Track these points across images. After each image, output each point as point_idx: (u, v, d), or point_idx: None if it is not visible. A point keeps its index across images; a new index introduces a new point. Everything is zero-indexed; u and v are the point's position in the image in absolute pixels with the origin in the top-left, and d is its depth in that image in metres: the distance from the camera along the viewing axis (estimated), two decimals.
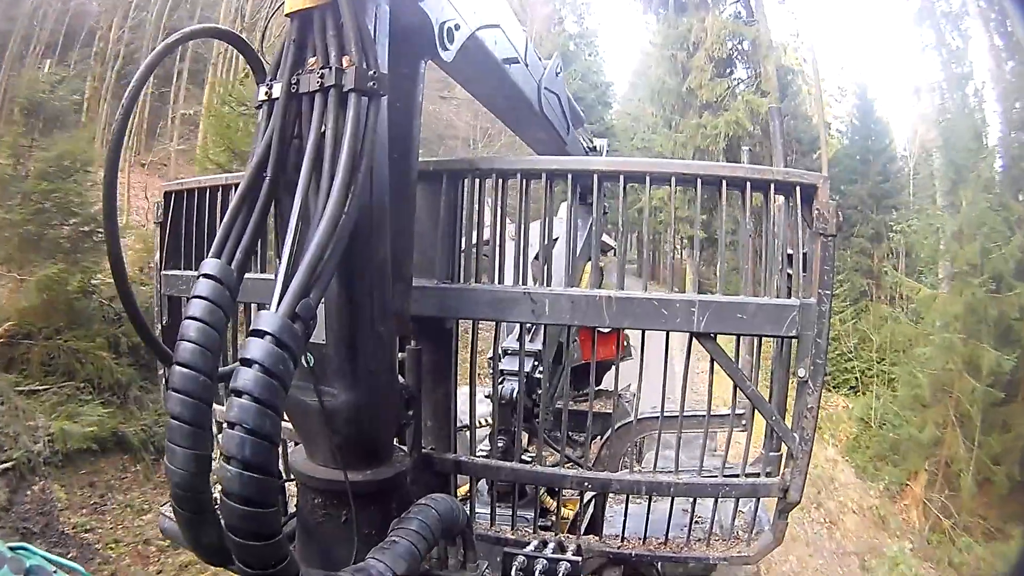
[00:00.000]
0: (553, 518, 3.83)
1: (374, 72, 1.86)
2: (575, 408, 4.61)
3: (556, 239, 3.18)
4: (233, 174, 3.32)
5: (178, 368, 1.57)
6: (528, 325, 3.87)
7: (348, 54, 1.85)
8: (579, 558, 2.48)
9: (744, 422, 3.07)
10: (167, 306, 3.41)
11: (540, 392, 4.32)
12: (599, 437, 4.89)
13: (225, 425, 1.47)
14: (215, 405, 1.71)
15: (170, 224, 3.37)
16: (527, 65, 3.34)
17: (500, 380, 3.50)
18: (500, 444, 3.40)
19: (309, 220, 1.76)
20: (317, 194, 1.77)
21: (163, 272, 3.39)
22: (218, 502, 1.66)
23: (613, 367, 5.83)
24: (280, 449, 3.19)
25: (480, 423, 3.29)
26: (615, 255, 6.21)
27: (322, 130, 1.83)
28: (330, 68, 1.84)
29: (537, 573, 2.40)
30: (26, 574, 1.78)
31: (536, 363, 4.29)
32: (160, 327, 3.37)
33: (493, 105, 3.71)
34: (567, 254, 2.91)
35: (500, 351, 3.79)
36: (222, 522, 1.65)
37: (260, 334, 1.51)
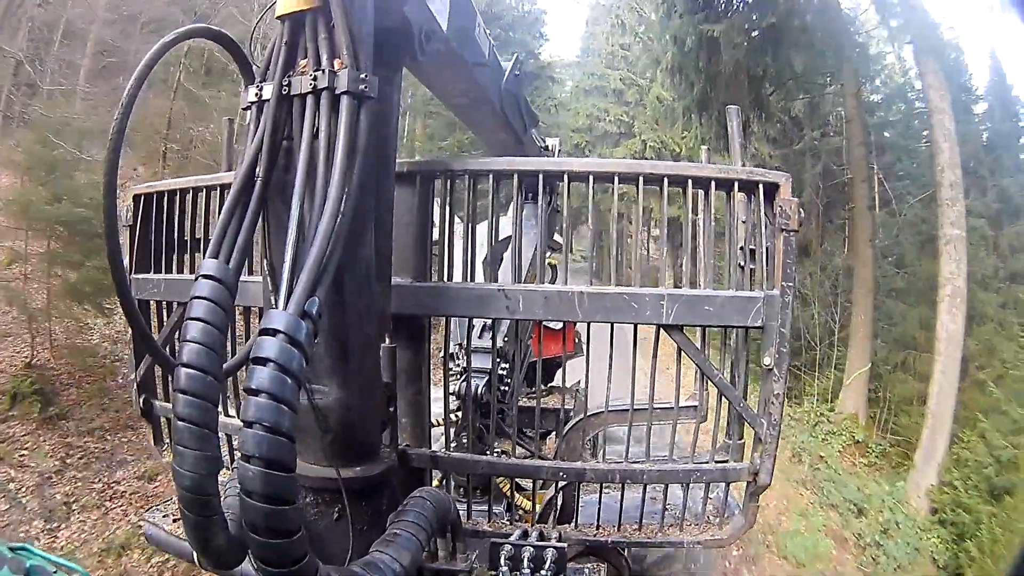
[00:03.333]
0: (521, 511, 3.92)
1: (365, 75, 1.90)
2: (531, 404, 4.70)
3: (507, 238, 3.28)
4: (202, 176, 3.28)
5: (184, 369, 1.56)
6: (487, 323, 3.95)
7: (340, 57, 1.89)
8: (564, 544, 2.57)
9: (703, 412, 3.23)
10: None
11: (503, 388, 4.41)
12: (554, 432, 5.00)
13: (243, 424, 1.47)
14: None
15: (139, 227, 3.30)
16: (491, 67, 3.43)
17: (463, 378, 3.57)
18: (465, 440, 3.46)
19: (303, 221, 1.79)
20: (312, 196, 1.80)
21: (133, 276, 3.32)
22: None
23: (567, 363, 6.02)
24: None
25: (435, 422, 3.35)
26: (560, 252, 6.37)
27: (315, 132, 1.87)
28: (322, 71, 1.87)
29: (525, 561, 2.47)
30: (26, 574, 1.76)
31: (498, 360, 4.37)
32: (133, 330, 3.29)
33: (458, 106, 3.78)
34: (540, 251, 3.00)
35: (464, 349, 3.86)
36: (230, 524, 1.67)
37: (272, 332, 1.52)
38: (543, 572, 2.45)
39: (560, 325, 5.23)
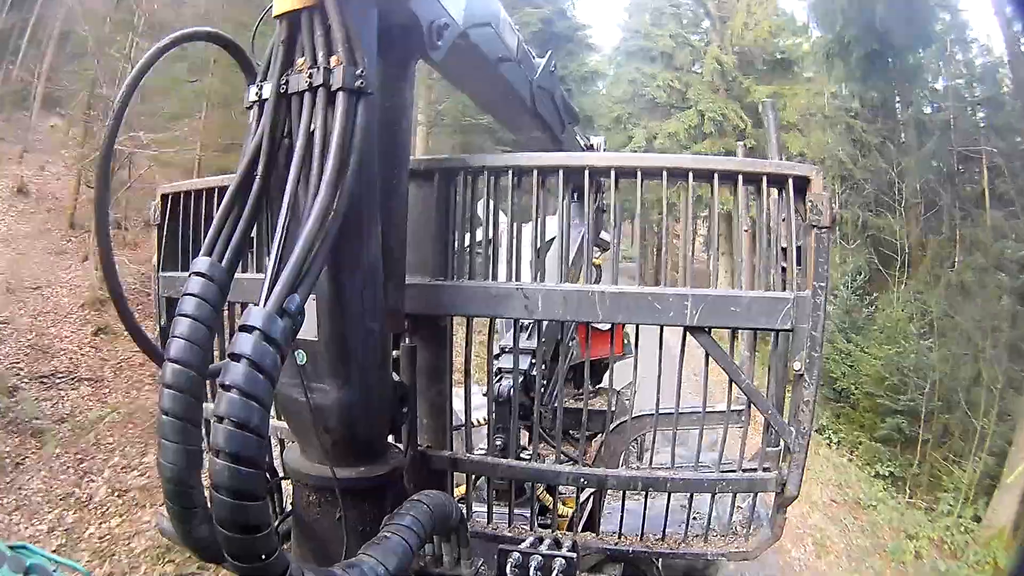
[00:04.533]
0: (555, 516, 3.84)
1: (361, 71, 1.88)
2: (576, 406, 4.59)
3: (552, 239, 3.18)
4: (230, 176, 3.34)
5: (169, 364, 1.60)
6: (526, 323, 3.87)
7: (336, 54, 1.87)
8: (575, 554, 2.48)
9: (743, 418, 3.08)
10: (165, 307, 3.44)
11: (538, 390, 4.34)
12: (599, 435, 4.89)
13: (214, 419, 1.49)
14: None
15: (167, 226, 3.40)
16: (520, 63, 3.35)
17: (497, 378, 3.51)
18: (498, 443, 3.40)
19: (299, 218, 1.79)
20: (307, 192, 1.79)
21: (161, 274, 3.42)
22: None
23: (616, 364, 5.86)
24: (274, 446, 3.22)
25: (476, 422, 3.30)
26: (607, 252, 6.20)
27: (311, 129, 1.86)
28: (318, 68, 1.86)
29: (532, 570, 2.40)
30: (26, 573, 1.82)
31: (534, 361, 4.31)
32: (159, 328, 3.41)
33: (486, 103, 3.73)
34: (561, 252, 2.91)
35: (498, 348, 3.79)
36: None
37: (248, 329, 1.53)
38: None
39: (607, 326, 5.14)
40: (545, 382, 4.46)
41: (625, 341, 6.63)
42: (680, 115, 26.43)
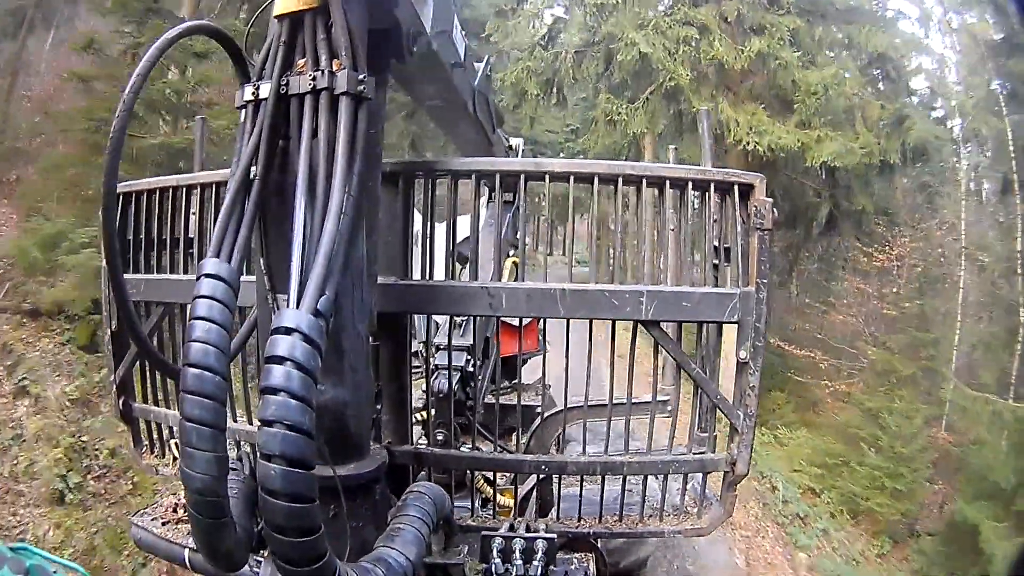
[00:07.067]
0: (497, 506, 3.97)
1: (363, 76, 1.93)
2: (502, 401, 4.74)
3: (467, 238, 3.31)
4: (185, 175, 3.23)
5: (190, 369, 1.55)
6: (459, 320, 3.99)
7: (338, 57, 1.91)
8: (554, 535, 2.63)
9: (670, 408, 3.36)
10: (117, 311, 3.27)
11: (473, 385, 4.46)
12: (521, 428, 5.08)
13: (262, 424, 1.48)
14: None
15: (119, 226, 3.24)
16: (465, 69, 3.48)
17: (435, 376, 3.61)
18: (440, 437, 3.49)
19: (304, 222, 1.81)
20: (312, 196, 1.82)
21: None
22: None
23: (530, 359, 6.09)
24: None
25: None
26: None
27: (313, 132, 1.89)
28: (321, 71, 1.89)
29: (516, 553, 2.52)
30: (26, 574, 1.75)
31: (469, 357, 4.43)
32: (110, 332, 3.24)
33: (434, 108, 3.80)
34: (513, 248, 3.06)
35: (434, 346, 3.88)
36: (238, 526, 1.68)
37: (287, 331, 1.54)
38: (535, 563, 2.51)
39: (527, 321, 5.32)
40: (479, 377, 4.59)
41: (539, 337, 6.89)
42: None
